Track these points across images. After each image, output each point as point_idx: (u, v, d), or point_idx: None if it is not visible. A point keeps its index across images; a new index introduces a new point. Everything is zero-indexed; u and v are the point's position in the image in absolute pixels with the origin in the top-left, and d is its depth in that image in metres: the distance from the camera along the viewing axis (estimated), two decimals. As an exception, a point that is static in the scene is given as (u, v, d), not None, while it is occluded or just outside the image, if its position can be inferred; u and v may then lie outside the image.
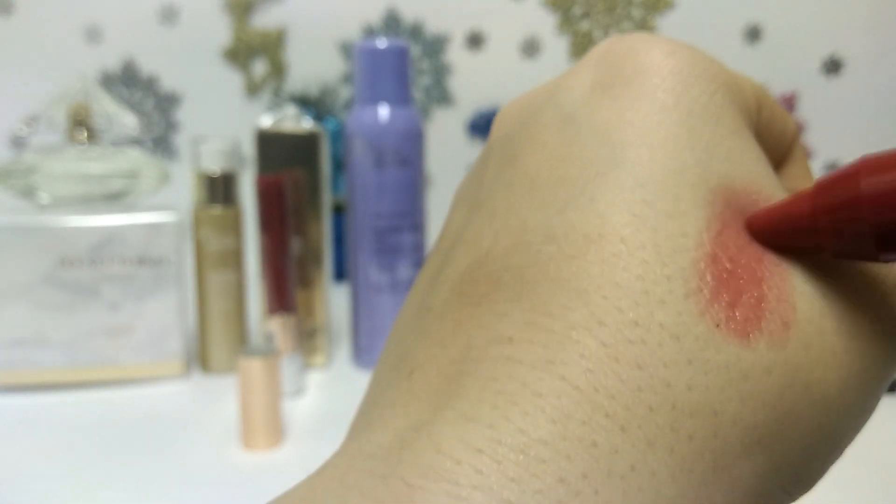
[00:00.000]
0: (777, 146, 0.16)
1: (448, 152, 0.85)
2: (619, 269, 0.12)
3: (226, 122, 0.84)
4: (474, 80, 0.86)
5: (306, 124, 0.53)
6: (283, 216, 0.49)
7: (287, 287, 0.49)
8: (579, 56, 0.86)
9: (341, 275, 0.76)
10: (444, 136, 0.86)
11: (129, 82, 0.85)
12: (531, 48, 0.86)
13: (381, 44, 0.50)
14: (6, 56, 0.82)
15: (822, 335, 0.12)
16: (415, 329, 0.14)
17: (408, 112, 0.51)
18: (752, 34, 0.86)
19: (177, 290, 0.50)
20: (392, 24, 0.85)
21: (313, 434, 0.43)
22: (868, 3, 0.85)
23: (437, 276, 0.14)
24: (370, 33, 0.85)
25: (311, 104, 0.84)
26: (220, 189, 0.51)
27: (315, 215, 0.53)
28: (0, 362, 0.48)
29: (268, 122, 0.52)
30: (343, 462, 0.11)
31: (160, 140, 0.86)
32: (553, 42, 0.86)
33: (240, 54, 0.85)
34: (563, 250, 0.12)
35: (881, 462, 0.39)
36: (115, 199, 0.53)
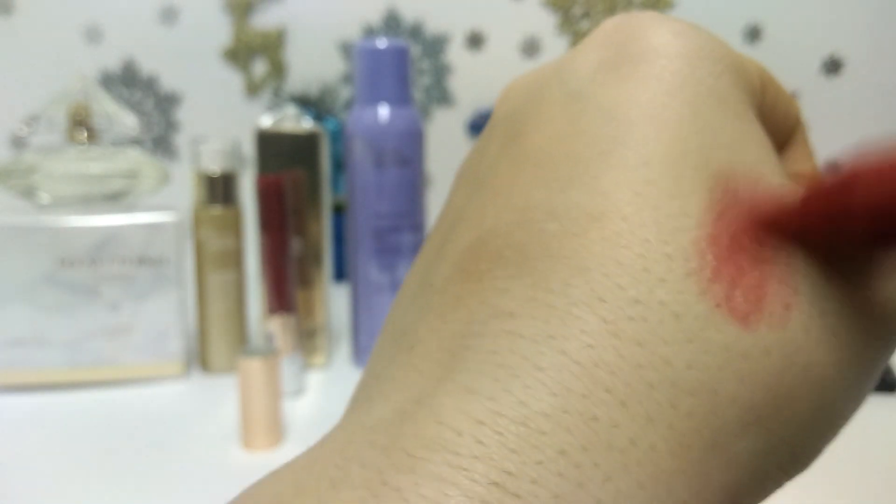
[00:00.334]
0: (780, 128, 0.16)
1: (448, 152, 0.85)
2: (621, 246, 0.12)
3: (226, 122, 0.85)
4: (474, 80, 0.86)
5: (306, 124, 0.53)
6: (283, 216, 0.48)
7: (287, 287, 0.49)
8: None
9: (341, 275, 0.76)
10: (444, 136, 0.86)
11: (129, 82, 0.85)
12: (531, 48, 0.86)
13: (381, 44, 0.50)
14: (6, 56, 0.82)
15: (822, 317, 0.12)
16: (416, 304, 0.14)
17: (408, 112, 0.51)
18: (753, 34, 0.86)
19: (177, 290, 0.50)
20: (392, 24, 0.85)
21: (313, 434, 0.43)
22: (868, 3, 0.85)
23: (439, 252, 0.14)
24: (370, 33, 0.85)
25: (311, 104, 0.84)
26: (219, 189, 0.51)
27: (315, 215, 0.53)
28: (0, 362, 0.48)
29: (268, 122, 0.52)
30: (343, 434, 0.11)
31: (160, 140, 0.86)
32: (553, 42, 0.86)
33: (240, 54, 0.85)
34: (565, 227, 0.12)
35: (881, 462, 0.39)
36: (114, 199, 0.53)
